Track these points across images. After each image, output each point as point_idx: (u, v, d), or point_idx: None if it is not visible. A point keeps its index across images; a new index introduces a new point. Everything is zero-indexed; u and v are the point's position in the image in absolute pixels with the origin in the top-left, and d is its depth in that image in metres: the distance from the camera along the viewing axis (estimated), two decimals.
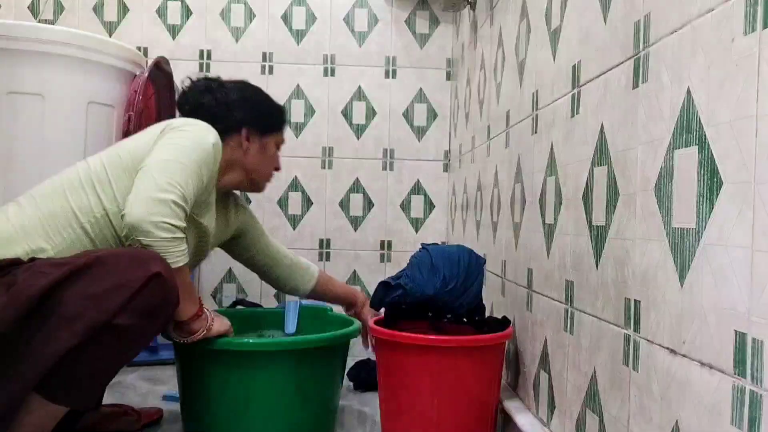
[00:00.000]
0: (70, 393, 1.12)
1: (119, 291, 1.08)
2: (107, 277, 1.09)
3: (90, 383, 1.14)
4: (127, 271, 1.10)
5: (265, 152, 1.53)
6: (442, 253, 1.44)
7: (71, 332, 1.05)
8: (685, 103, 0.75)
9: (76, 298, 1.07)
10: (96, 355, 1.10)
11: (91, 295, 1.07)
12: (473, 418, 1.35)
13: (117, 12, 2.38)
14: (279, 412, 1.42)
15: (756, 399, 0.61)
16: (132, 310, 1.09)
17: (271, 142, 1.55)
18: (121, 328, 1.09)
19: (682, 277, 0.74)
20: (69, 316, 1.06)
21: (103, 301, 1.07)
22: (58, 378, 1.09)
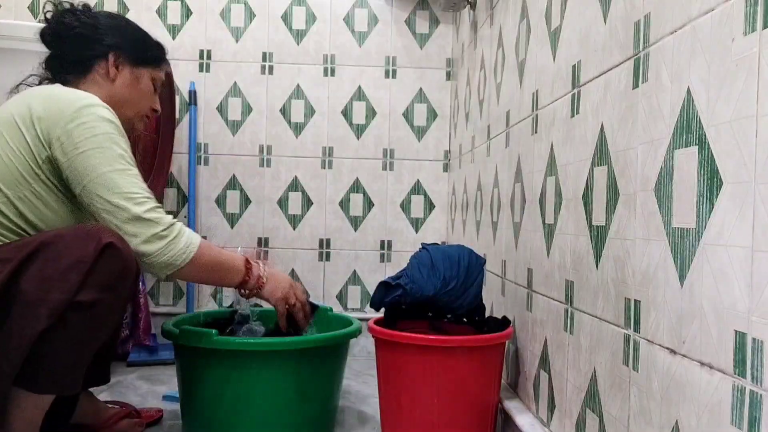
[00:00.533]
0: (51, 379, 1.12)
1: (75, 268, 1.08)
2: (59, 258, 1.08)
3: (69, 366, 1.13)
4: (78, 248, 1.10)
5: (137, 84, 1.38)
6: (442, 253, 1.44)
7: (37, 318, 1.05)
8: (685, 103, 0.75)
9: (33, 284, 1.07)
10: (68, 337, 1.09)
11: (48, 277, 1.07)
12: (473, 418, 1.35)
13: (117, 12, 2.38)
14: (279, 412, 1.42)
15: (756, 399, 0.61)
16: (92, 284, 1.09)
17: (145, 75, 1.39)
18: (86, 304, 1.09)
19: (682, 277, 0.74)
20: (31, 302, 1.06)
21: (61, 281, 1.07)
22: (37, 366, 1.09)
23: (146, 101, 1.41)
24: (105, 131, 1.19)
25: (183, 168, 2.38)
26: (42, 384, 1.12)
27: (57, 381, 1.13)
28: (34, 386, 1.12)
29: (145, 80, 1.39)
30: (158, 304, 2.39)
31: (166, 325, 1.48)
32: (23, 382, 1.10)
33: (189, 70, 2.38)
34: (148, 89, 1.40)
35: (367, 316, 2.12)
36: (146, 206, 1.18)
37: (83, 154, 1.17)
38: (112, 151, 1.19)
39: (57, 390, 1.15)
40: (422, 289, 1.39)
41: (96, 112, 1.20)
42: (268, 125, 2.41)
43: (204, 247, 1.24)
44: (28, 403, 1.13)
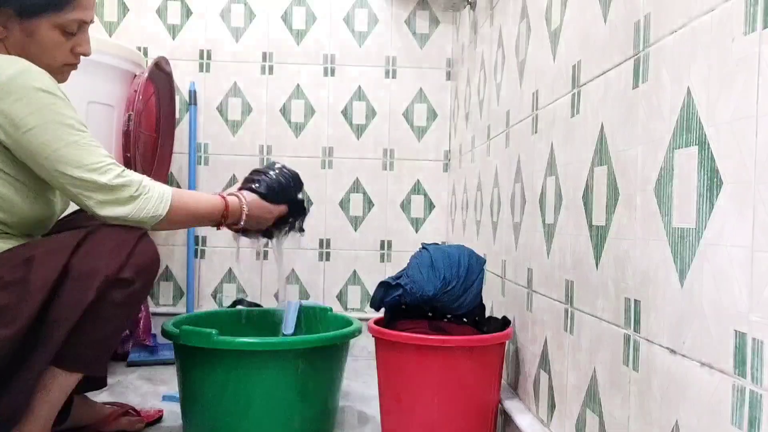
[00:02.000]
0: (85, 358, 1.17)
1: (120, 249, 1.16)
2: (106, 241, 1.16)
3: (100, 345, 1.19)
4: (121, 233, 1.18)
5: (32, 39, 1.21)
6: (443, 254, 1.44)
7: (87, 288, 1.12)
8: (685, 103, 0.75)
9: (85, 261, 1.13)
10: (107, 313, 1.15)
11: (97, 254, 1.14)
12: (473, 418, 1.35)
13: (117, 12, 2.38)
14: (279, 412, 1.42)
15: (756, 399, 0.61)
16: (131, 265, 1.16)
17: (43, 27, 1.21)
18: (127, 281, 1.16)
19: (682, 277, 0.74)
20: (82, 275, 1.13)
21: (109, 258, 1.14)
22: (74, 344, 1.14)
23: (53, 53, 1.23)
24: (45, 103, 1.13)
25: (183, 168, 2.38)
26: (74, 360, 1.17)
27: (88, 359, 1.18)
28: (67, 363, 1.16)
29: (44, 32, 1.21)
30: (158, 304, 2.39)
31: (166, 325, 1.49)
32: (58, 361, 1.14)
33: (189, 70, 2.38)
34: (50, 40, 1.22)
35: (367, 316, 2.12)
36: (111, 173, 1.17)
37: (29, 133, 1.12)
38: (58, 123, 1.14)
39: (86, 368, 1.19)
40: (422, 289, 1.39)
41: (27, 83, 1.12)
42: (268, 125, 2.41)
43: (177, 195, 1.27)
44: (54, 385, 1.17)
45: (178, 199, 1.26)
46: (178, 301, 2.39)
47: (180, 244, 2.37)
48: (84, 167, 1.15)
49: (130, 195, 1.19)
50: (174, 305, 2.39)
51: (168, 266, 2.39)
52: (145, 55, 2.33)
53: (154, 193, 1.22)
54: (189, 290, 2.34)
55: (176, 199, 1.25)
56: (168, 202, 1.23)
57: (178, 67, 2.34)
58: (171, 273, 2.39)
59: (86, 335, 1.15)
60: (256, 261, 2.40)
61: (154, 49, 2.35)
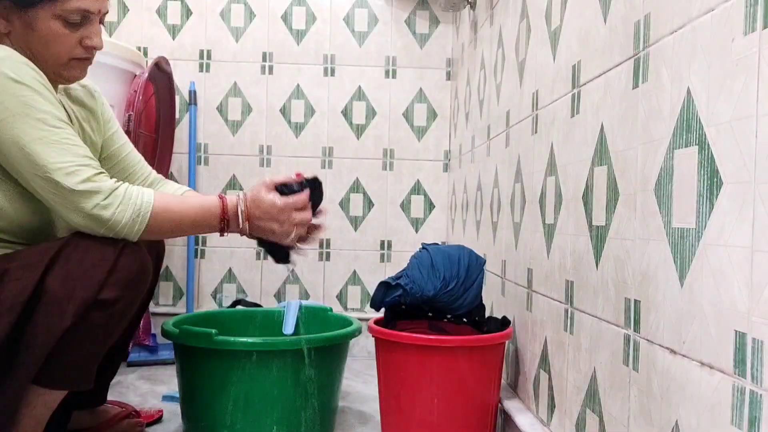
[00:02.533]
0: (66, 375, 1.12)
1: (98, 267, 1.08)
2: (84, 257, 1.08)
3: (85, 362, 1.13)
4: (100, 248, 1.09)
5: (33, 32, 1.14)
6: (442, 254, 1.44)
7: (63, 315, 1.05)
8: (685, 103, 0.75)
9: (59, 282, 1.06)
10: (88, 334, 1.09)
11: (74, 275, 1.07)
12: (473, 418, 1.35)
13: (117, 12, 2.38)
14: (279, 412, 1.42)
15: (756, 399, 0.61)
16: (113, 283, 1.09)
17: (44, 17, 1.13)
18: (108, 302, 1.08)
19: (682, 277, 0.74)
20: (57, 300, 1.06)
21: (86, 279, 1.07)
22: (55, 364, 1.09)
23: (57, 46, 1.16)
24: (15, 95, 1.05)
25: (183, 168, 2.38)
26: (57, 380, 1.12)
27: (72, 377, 1.13)
28: (49, 382, 1.12)
29: (44, 23, 1.13)
30: (158, 304, 2.39)
31: (166, 325, 1.49)
32: (37, 378, 1.10)
33: (189, 70, 2.38)
34: (51, 32, 1.14)
35: (367, 316, 2.12)
36: (80, 176, 1.06)
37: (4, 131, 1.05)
38: (26, 115, 1.05)
39: (70, 386, 1.15)
40: (422, 290, 1.39)
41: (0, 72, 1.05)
42: (268, 125, 2.41)
43: (160, 204, 1.12)
44: (38, 401, 1.13)
45: (163, 205, 1.13)
46: (178, 301, 2.39)
47: (180, 244, 2.37)
48: (47, 166, 1.05)
49: (96, 204, 1.07)
50: (174, 305, 2.39)
51: (168, 266, 2.39)
52: (145, 55, 2.33)
53: (128, 203, 1.09)
54: (189, 290, 2.34)
55: (159, 206, 1.12)
56: (147, 212, 1.11)
57: (178, 67, 2.34)
58: (171, 273, 2.39)
59: (68, 357, 1.09)
60: (256, 261, 2.40)
61: (154, 49, 2.35)
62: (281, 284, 2.41)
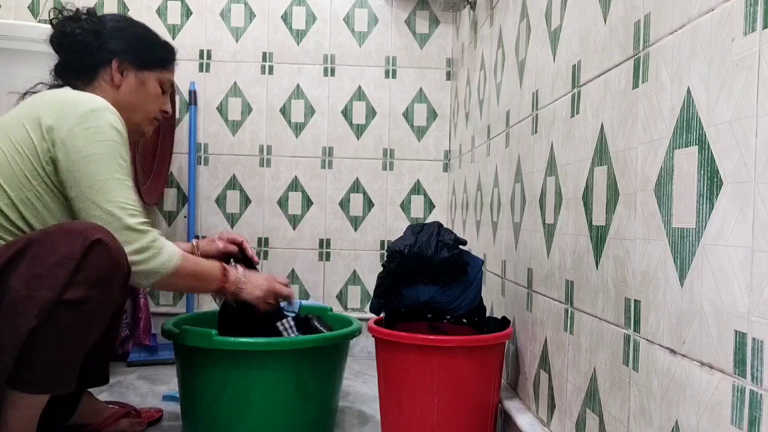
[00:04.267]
0: (43, 379, 1.10)
1: (63, 265, 1.07)
2: (47, 255, 1.08)
3: (61, 365, 1.12)
4: (65, 245, 1.09)
5: (143, 89, 1.38)
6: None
7: (26, 316, 1.04)
8: (685, 103, 0.75)
9: (21, 282, 1.06)
10: (58, 335, 1.08)
11: (36, 275, 1.06)
12: (473, 418, 1.35)
13: (117, 12, 2.38)
14: (279, 412, 1.42)
15: (756, 399, 0.61)
16: (80, 282, 1.08)
17: (151, 79, 1.39)
18: (74, 302, 1.08)
19: (682, 277, 0.74)
20: (19, 300, 1.05)
21: (49, 279, 1.06)
22: (28, 366, 1.08)
23: (154, 105, 1.41)
24: (110, 138, 1.21)
25: (183, 168, 2.38)
26: (34, 384, 1.11)
27: (49, 380, 1.11)
28: (26, 386, 1.10)
29: (152, 84, 1.39)
30: (158, 304, 2.39)
31: (166, 325, 1.48)
32: (15, 382, 1.09)
33: (189, 70, 2.38)
34: (155, 93, 1.40)
35: (367, 316, 2.11)
36: (137, 219, 1.21)
37: (85, 158, 1.19)
38: (113, 159, 1.21)
39: (49, 389, 1.14)
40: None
41: (104, 117, 1.22)
42: (268, 125, 2.41)
43: (184, 259, 1.28)
44: (22, 403, 1.12)
45: (186, 257, 1.29)
46: (178, 301, 2.39)
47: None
48: (116, 203, 1.19)
49: (144, 245, 1.20)
50: (174, 305, 2.39)
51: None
52: None
53: (167, 249, 1.24)
54: None
55: (184, 257, 1.28)
56: (178, 259, 1.25)
57: (178, 67, 2.32)
58: None
59: (38, 360, 1.08)
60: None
61: None
62: None
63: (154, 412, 1.60)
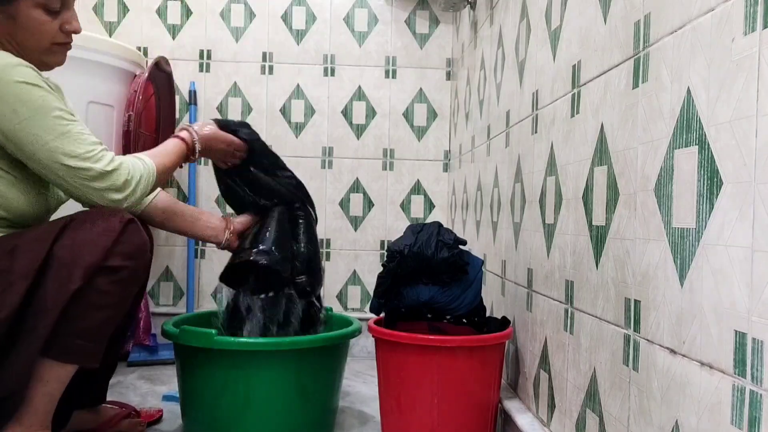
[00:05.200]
0: (78, 346, 1.16)
1: (104, 236, 1.15)
2: (90, 228, 1.15)
3: (93, 334, 1.17)
4: (106, 220, 1.17)
5: (17, 22, 1.18)
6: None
7: (71, 278, 1.11)
8: (685, 103, 0.75)
9: (66, 249, 1.13)
10: (96, 300, 1.15)
11: (81, 242, 1.14)
12: (473, 418, 1.35)
13: (117, 12, 2.38)
14: (279, 412, 1.42)
15: (756, 399, 0.61)
16: (118, 252, 1.16)
17: (25, 8, 1.18)
18: (113, 269, 1.15)
19: (682, 277, 0.74)
20: (65, 264, 1.12)
21: (92, 246, 1.14)
22: (64, 333, 1.14)
23: (41, 34, 1.20)
24: (30, 96, 1.12)
25: (183, 168, 2.38)
26: (67, 349, 1.15)
27: (81, 348, 1.16)
28: (59, 353, 1.15)
29: (26, 12, 1.18)
30: (158, 304, 2.39)
31: (166, 325, 1.49)
32: (48, 350, 1.14)
33: (189, 70, 2.38)
34: (34, 21, 1.19)
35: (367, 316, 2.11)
36: (104, 160, 1.17)
37: (18, 126, 1.12)
38: (46, 114, 1.13)
39: (78, 359, 1.18)
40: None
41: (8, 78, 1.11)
42: (268, 125, 2.41)
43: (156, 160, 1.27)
44: (51, 376, 1.16)
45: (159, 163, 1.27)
46: (178, 301, 2.39)
47: (180, 244, 2.37)
48: (78, 156, 1.15)
49: (126, 179, 1.18)
50: (174, 305, 2.39)
51: (168, 266, 2.39)
52: (145, 55, 2.33)
53: (140, 169, 1.21)
54: (189, 290, 2.34)
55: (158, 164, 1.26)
56: (153, 172, 1.24)
57: (178, 67, 2.34)
58: (171, 273, 2.39)
59: (75, 324, 1.14)
60: None
61: (154, 49, 2.35)
62: None
63: (154, 412, 1.60)
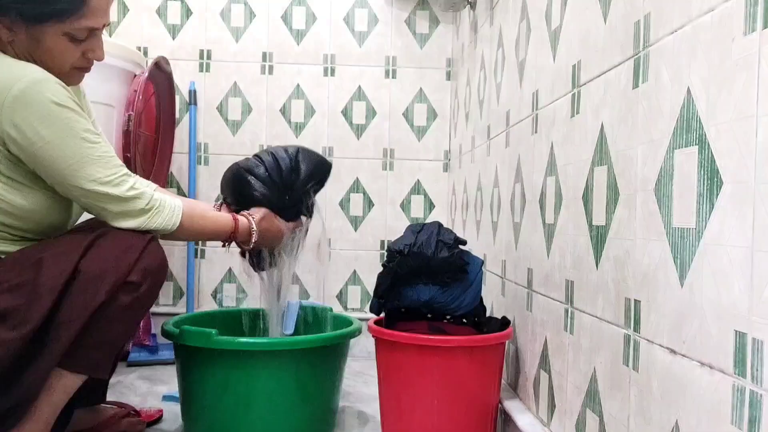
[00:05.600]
0: (91, 358, 1.18)
1: (128, 252, 1.18)
2: (115, 244, 1.18)
3: (106, 347, 1.19)
4: (130, 237, 1.20)
5: (39, 45, 1.18)
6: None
7: (97, 291, 1.14)
8: (685, 103, 0.75)
9: (93, 263, 1.15)
10: (116, 315, 1.17)
11: (106, 257, 1.16)
12: (473, 418, 1.35)
13: (117, 12, 2.38)
14: (279, 412, 1.42)
15: (756, 399, 0.61)
16: (140, 269, 1.18)
17: (52, 33, 1.17)
18: (134, 285, 1.17)
19: (682, 277, 0.74)
20: (91, 278, 1.14)
21: (117, 262, 1.17)
22: (80, 345, 1.15)
23: (63, 59, 1.21)
24: (59, 117, 1.13)
25: (183, 168, 2.38)
26: (80, 361, 1.16)
27: (94, 360, 1.18)
28: (72, 364, 1.16)
29: (51, 38, 1.18)
30: (158, 304, 2.38)
31: (166, 325, 1.49)
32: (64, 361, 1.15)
33: (189, 70, 2.38)
34: (57, 47, 1.19)
35: (367, 316, 2.11)
36: (125, 186, 1.20)
37: (43, 147, 1.13)
38: (72, 137, 1.14)
39: (90, 370, 1.19)
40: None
41: (39, 96, 1.11)
42: (268, 125, 2.41)
43: (188, 210, 1.29)
44: (58, 386, 1.17)
45: (189, 215, 1.29)
46: (178, 301, 2.39)
47: (180, 244, 2.37)
48: (97, 180, 1.17)
49: (142, 208, 1.21)
50: (174, 305, 2.39)
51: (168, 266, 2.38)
52: (145, 55, 2.33)
53: (166, 207, 1.25)
54: (189, 290, 2.34)
55: (186, 215, 1.28)
56: (179, 217, 1.26)
57: (178, 67, 2.34)
58: (171, 273, 2.39)
59: (93, 337, 1.16)
60: None
61: (154, 49, 2.35)
62: None
63: (154, 412, 1.60)
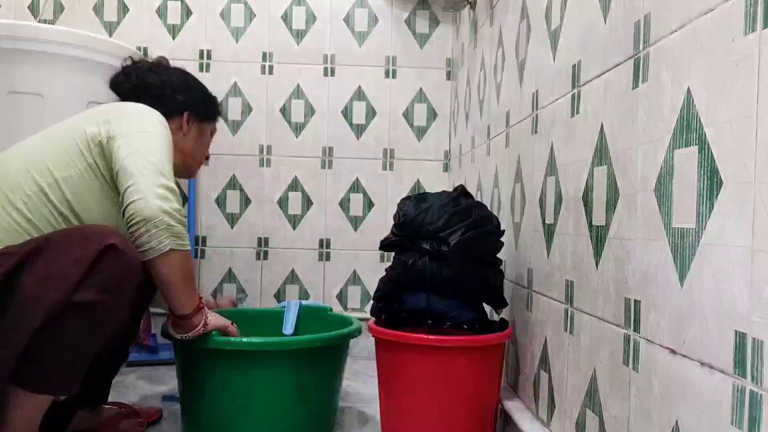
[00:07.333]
0: (49, 379, 1.11)
1: (74, 267, 1.07)
2: (60, 256, 1.08)
3: (65, 367, 1.12)
4: (80, 248, 1.09)
5: (201, 138, 1.56)
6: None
7: (33, 315, 1.05)
8: (685, 103, 0.75)
9: (32, 281, 1.06)
10: (65, 337, 1.08)
11: (47, 275, 1.06)
12: (473, 418, 1.35)
13: (117, 12, 2.38)
14: (279, 412, 1.42)
15: (756, 399, 0.61)
16: (90, 285, 1.08)
17: (207, 130, 1.58)
18: (84, 305, 1.07)
19: (682, 277, 0.74)
20: (28, 298, 1.06)
21: (59, 280, 1.06)
22: (34, 365, 1.08)
23: (205, 151, 1.60)
24: (163, 126, 1.33)
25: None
26: (38, 383, 1.11)
27: (53, 381, 1.12)
28: (31, 385, 1.11)
29: (207, 134, 1.59)
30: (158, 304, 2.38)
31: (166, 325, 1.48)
32: (20, 380, 1.09)
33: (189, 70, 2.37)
34: (207, 141, 1.60)
35: (367, 316, 2.12)
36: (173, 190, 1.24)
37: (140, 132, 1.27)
38: (162, 139, 1.29)
39: (53, 390, 1.14)
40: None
41: (158, 117, 1.34)
42: (268, 125, 2.41)
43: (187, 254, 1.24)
44: (26, 403, 1.13)
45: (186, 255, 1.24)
46: None
47: None
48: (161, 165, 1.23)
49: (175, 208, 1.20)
50: None
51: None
52: (145, 55, 2.33)
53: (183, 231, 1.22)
54: None
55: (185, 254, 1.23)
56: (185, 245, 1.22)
57: None
58: None
59: (44, 358, 1.08)
60: (256, 261, 2.40)
61: (154, 49, 2.35)
62: (281, 284, 2.41)
63: (154, 412, 1.60)
